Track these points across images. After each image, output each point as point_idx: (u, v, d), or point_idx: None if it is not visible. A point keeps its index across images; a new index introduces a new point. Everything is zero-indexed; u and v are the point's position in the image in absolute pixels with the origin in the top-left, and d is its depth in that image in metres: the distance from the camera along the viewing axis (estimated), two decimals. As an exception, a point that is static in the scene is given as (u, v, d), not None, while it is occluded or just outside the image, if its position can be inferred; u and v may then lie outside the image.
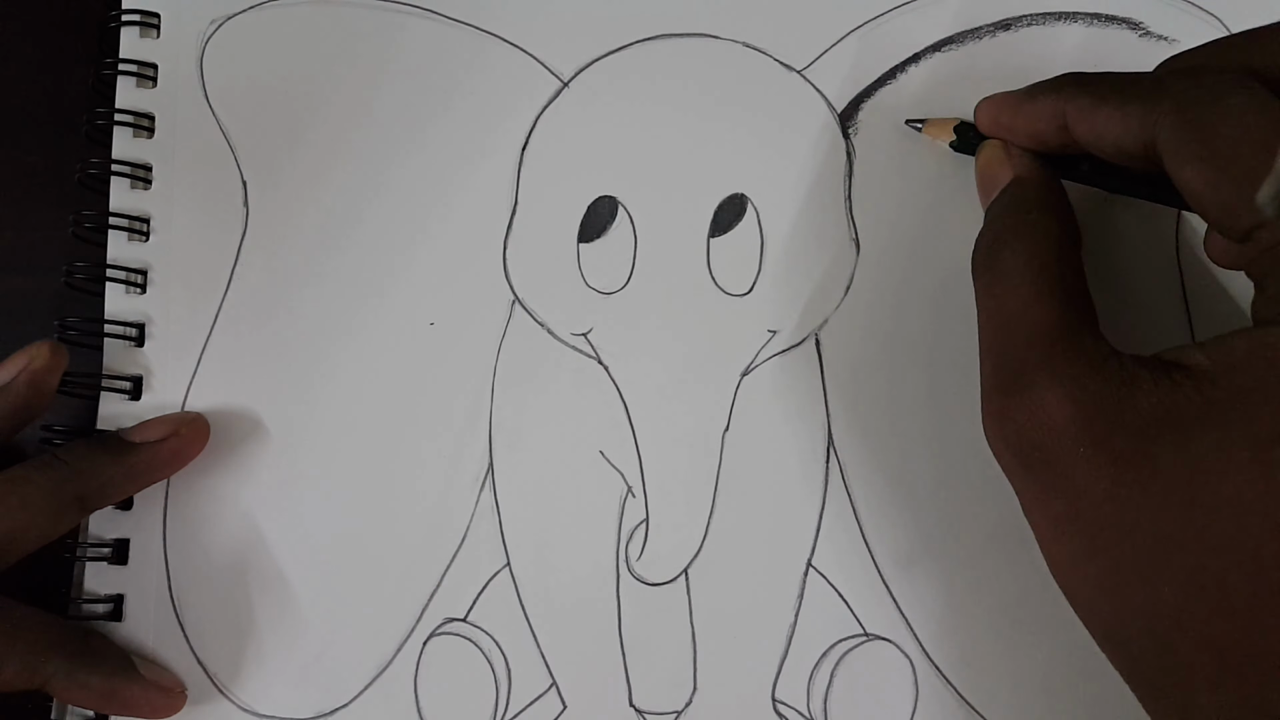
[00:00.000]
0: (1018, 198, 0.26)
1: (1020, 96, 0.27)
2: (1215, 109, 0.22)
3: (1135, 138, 0.23)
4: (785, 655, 0.30)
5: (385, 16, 0.33)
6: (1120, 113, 0.24)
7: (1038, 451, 0.22)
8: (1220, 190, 0.22)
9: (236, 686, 0.31)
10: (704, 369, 0.31)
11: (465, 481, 0.31)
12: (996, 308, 0.24)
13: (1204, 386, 0.21)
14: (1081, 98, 0.25)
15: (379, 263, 0.32)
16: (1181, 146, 0.22)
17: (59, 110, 0.34)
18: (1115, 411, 0.21)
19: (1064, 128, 0.25)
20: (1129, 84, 0.24)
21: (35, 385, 0.30)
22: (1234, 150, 0.21)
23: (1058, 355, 0.22)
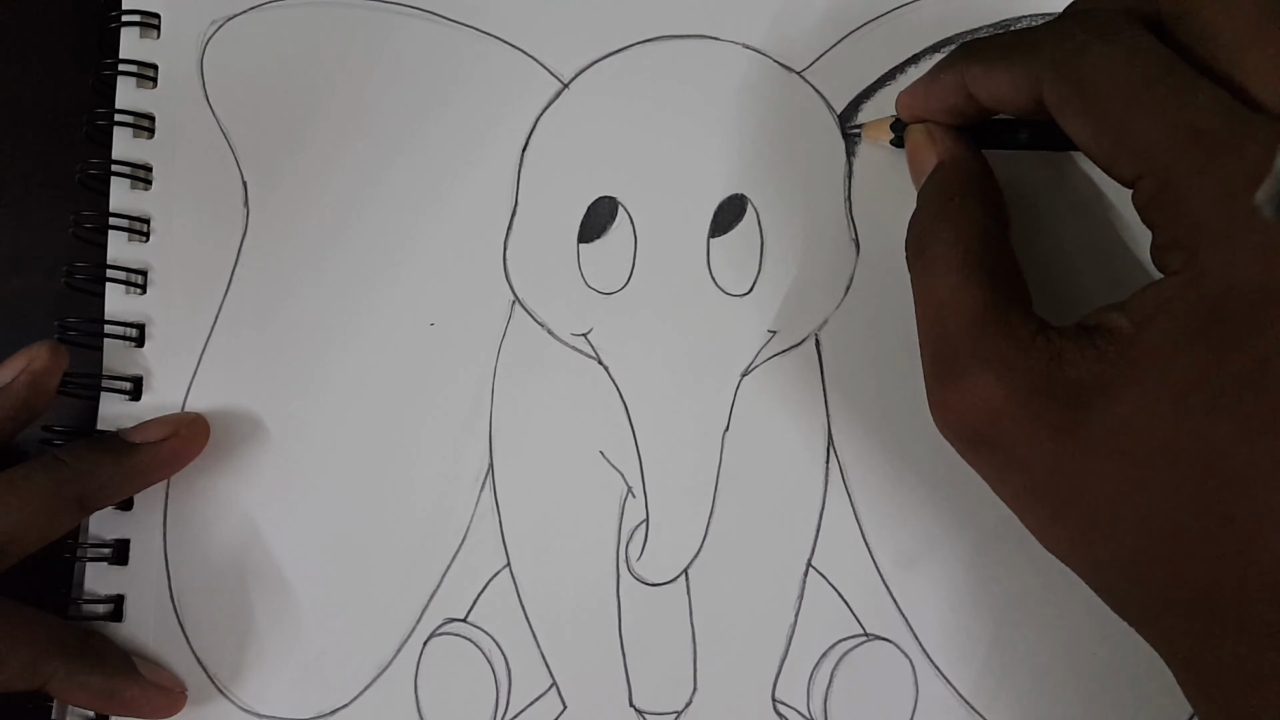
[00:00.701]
0: (941, 184, 0.26)
1: (927, 79, 0.27)
2: (1085, 61, 0.22)
3: (1027, 96, 0.24)
4: (785, 655, 0.30)
5: (386, 18, 0.33)
6: (1008, 74, 0.24)
7: (982, 436, 0.23)
8: (1100, 141, 0.22)
9: (237, 687, 0.31)
10: (704, 369, 0.31)
11: (465, 482, 0.31)
12: (928, 296, 0.25)
13: (1125, 348, 0.21)
14: (974, 65, 0.25)
15: (379, 263, 0.32)
16: (1060, 102, 0.23)
17: (59, 110, 0.34)
18: (1046, 386, 0.22)
19: (970, 97, 0.26)
20: (1013, 44, 0.24)
21: (35, 386, 0.30)
22: (1105, 101, 0.22)
23: (986, 340, 0.23)
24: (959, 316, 0.24)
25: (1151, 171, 0.21)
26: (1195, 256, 0.21)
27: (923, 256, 0.25)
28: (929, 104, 0.27)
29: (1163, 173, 0.21)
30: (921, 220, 0.26)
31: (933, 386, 0.24)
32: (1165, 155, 0.21)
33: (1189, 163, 0.21)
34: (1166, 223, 0.22)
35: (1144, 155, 0.21)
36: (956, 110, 0.27)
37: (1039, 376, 0.22)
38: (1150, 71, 0.21)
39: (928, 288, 0.25)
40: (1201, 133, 0.21)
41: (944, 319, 0.24)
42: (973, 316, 0.23)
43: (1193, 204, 0.21)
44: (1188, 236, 0.21)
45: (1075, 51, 0.22)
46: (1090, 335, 0.22)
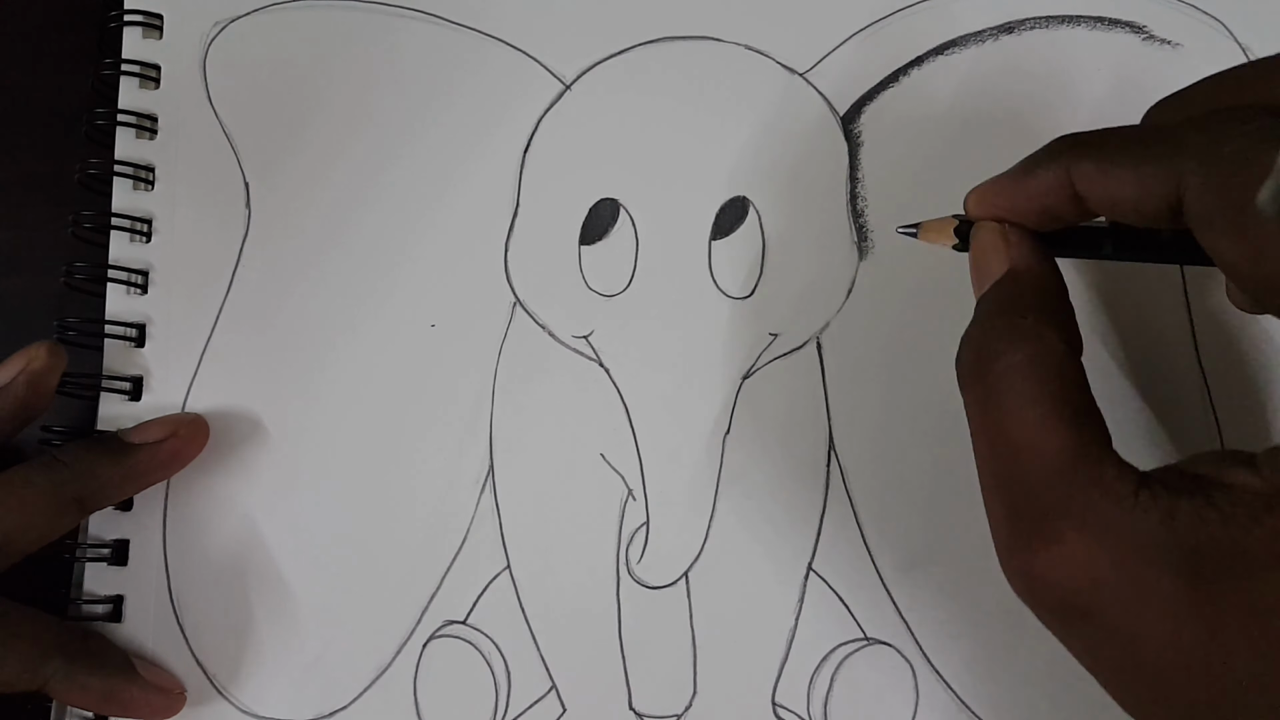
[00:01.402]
0: (1013, 297, 0.23)
1: (1017, 174, 0.24)
2: (1245, 173, 0.19)
3: (1158, 201, 0.21)
4: (785, 659, 0.30)
5: (387, 20, 0.33)
6: (1134, 174, 0.21)
7: (1078, 608, 0.20)
8: (1258, 266, 0.19)
9: (236, 688, 0.31)
10: (705, 372, 0.31)
11: (466, 484, 0.31)
12: (997, 434, 0.21)
13: (1260, 514, 0.18)
14: (1085, 162, 0.22)
15: (380, 265, 0.32)
16: (1210, 216, 0.20)
17: (59, 110, 0.34)
18: (1158, 552, 0.19)
19: (1075, 197, 0.22)
20: (1140, 142, 0.21)
21: (34, 386, 0.30)
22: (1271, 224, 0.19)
23: (1079, 497, 0.20)
24: (1041, 464, 0.20)
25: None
26: None
27: (986, 382, 0.22)
28: (1017, 202, 0.24)
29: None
30: (984, 337, 0.22)
31: (1013, 547, 0.21)
32: None
33: None
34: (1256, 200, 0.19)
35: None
36: (1049, 213, 0.23)
37: (1149, 542, 0.19)
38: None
39: (995, 423, 0.21)
40: None
41: (1021, 465, 0.21)
42: (1059, 465, 0.20)
43: None
44: None
45: (1235, 158, 0.19)
46: (1206, 491, 0.19)
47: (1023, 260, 0.24)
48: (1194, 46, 0.31)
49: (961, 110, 0.31)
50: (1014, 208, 0.24)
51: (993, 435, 0.21)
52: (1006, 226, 0.24)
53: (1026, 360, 0.21)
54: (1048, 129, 0.31)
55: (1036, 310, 0.22)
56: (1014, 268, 0.23)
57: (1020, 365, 0.21)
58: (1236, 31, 0.31)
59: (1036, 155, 0.23)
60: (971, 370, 0.22)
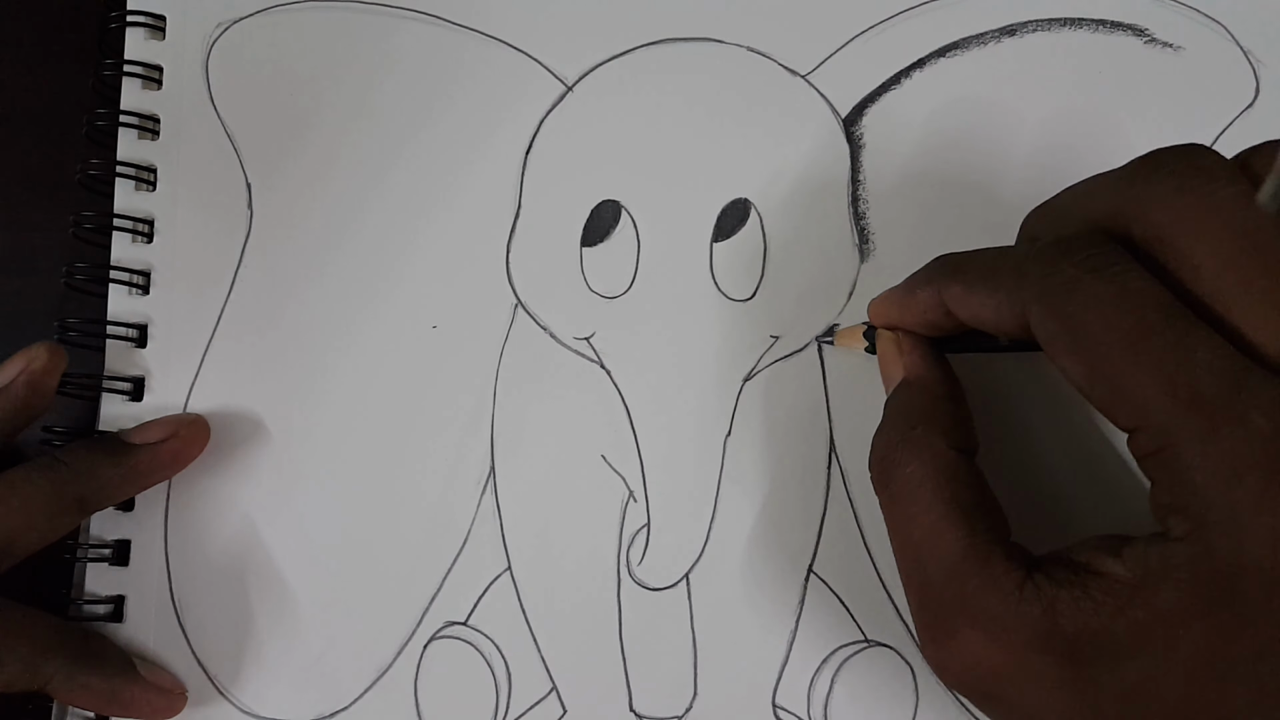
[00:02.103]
0: (904, 408, 0.26)
1: (901, 291, 0.26)
2: (1074, 300, 0.21)
3: (1011, 323, 0.23)
4: (786, 661, 0.30)
5: (389, 21, 0.33)
6: (991, 300, 0.23)
7: (981, 692, 0.23)
8: (1094, 387, 0.21)
9: (237, 688, 0.31)
10: (706, 374, 0.31)
11: (467, 485, 0.31)
12: (903, 536, 0.24)
13: (1126, 607, 0.20)
14: (954, 286, 0.24)
15: (382, 266, 0.32)
16: (1051, 340, 0.22)
17: (60, 111, 0.34)
18: (1043, 643, 0.21)
19: (949, 313, 0.25)
20: (995, 267, 0.23)
21: (34, 387, 0.30)
22: (1098, 348, 0.21)
23: (970, 595, 0.22)
24: (937, 565, 0.23)
25: (1148, 428, 0.20)
26: (1203, 531, 0.20)
27: (889, 488, 0.24)
28: (904, 316, 0.26)
29: (1161, 433, 0.20)
30: (883, 446, 0.25)
31: (924, 639, 0.23)
32: (1163, 416, 0.20)
33: (1190, 429, 0.20)
34: (1168, 484, 0.20)
35: (1141, 412, 0.20)
36: (932, 325, 0.26)
37: (1034, 633, 0.21)
38: (1145, 318, 0.20)
39: (899, 527, 0.24)
40: (1202, 398, 0.20)
41: (923, 563, 0.23)
42: (952, 565, 0.22)
43: (1196, 475, 0.20)
44: (1193, 506, 0.20)
45: (1064, 288, 0.21)
46: (1082, 580, 0.21)
47: (914, 368, 0.26)
48: (1196, 49, 0.31)
49: (963, 112, 0.31)
50: (904, 320, 0.27)
51: (900, 537, 0.24)
52: (900, 335, 0.27)
53: (919, 469, 0.24)
54: (1049, 131, 0.31)
55: (925, 420, 0.25)
56: (906, 377, 0.26)
57: (914, 475, 0.24)
58: (1238, 34, 0.31)
59: (917, 275, 0.26)
60: (877, 476, 0.25)
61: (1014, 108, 0.31)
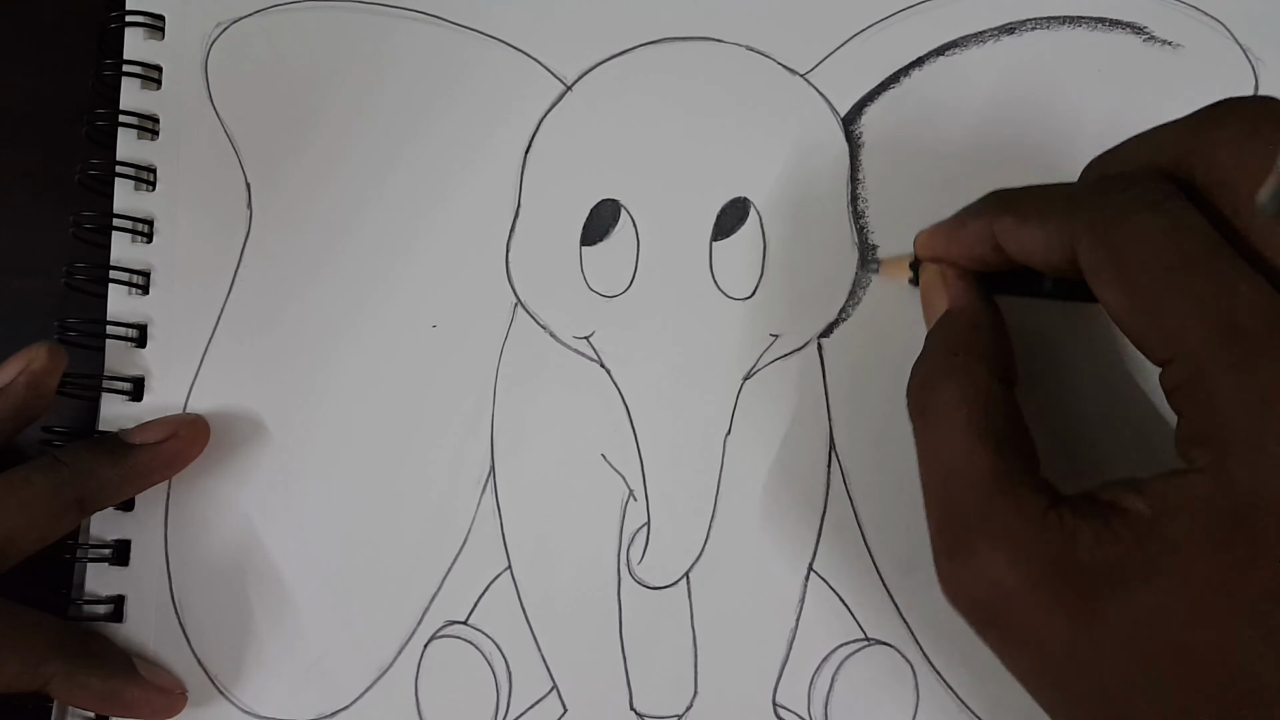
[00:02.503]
0: (946, 336, 0.26)
1: (952, 224, 0.26)
2: (1124, 229, 0.21)
3: (1059, 255, 0.23)
4: (786, 659, 0.30)
5: (388, 21, 0.33)
6: (1041, 231, 0.23)
7: (992, 615, 0.22)
8: (1133, 317, 0.21)
9: (237, 688, 0.31)
10: (706, 372, 0.31)
11: (467, 484, 0.31)
12: (932, 458, 0.24)
13: (1142, 537, 0.20)
14: (1005, 217, 0.24)
15: (381, 265, 0.32)
16: (1096, 269, 0.22)
17: (60, 110, 0.34)
18: (1059, 568, 0.21)
19: (998, 247, 0.25)
20: (1049, 200, 0.24)
21: (34, 387, 0.30)
22: (1141, 277, 0.21)
23: (995, 515, 0.22)
24: (965, 485, 0.23)
25: (1183, 358, 0.20)
26: (1224, 460, 0.20)
27: (924, 413, 0.24)
28: (950, 249, 0.26)
29: (1195, 362, 0.20)
30: (923, 373, 0.25)
31: (940, 559, 0.23)
32: (1199, 345, 0.20)
33: (1224, 359, 0.20)
34: (1195, 415, 0.20)
35: (1177, 340, 0.20)
36: (980, 259, 0.26)
37: (1052, 559, 0.21)
38: (1191, 251, 0.21)
39: (931, 448, 0.24)
40: (1240, 330, 0.20)
41: (949, 485, 0.23)
42: (980, 487, 0.22)
43: (1224, 403, 0.20)
44: (1216, 435, 0.20)
45: (1115, 218, 0.22)
46: (1104, 515, 0.21)
47: (957, 300, 0.26)
48: (1195, 48, 0.31)
49: (963, 111, 0.31)
50: (950, 253, 0.27)
51: (929, 459, 0.24)
52: (945, 268, 0.27)
53: (957, 393, 0.24)
54: (1049, 130, 0.31)
55: (967, 348, 0.25)
56: (950, 308, 0.26)
57: (952, 398, 0.24)
58: (1237, 33, 0.31)
59: (969, 208, 0.26)
60: (915, 401, 0.25)
61: (1013, 106, 0.31)
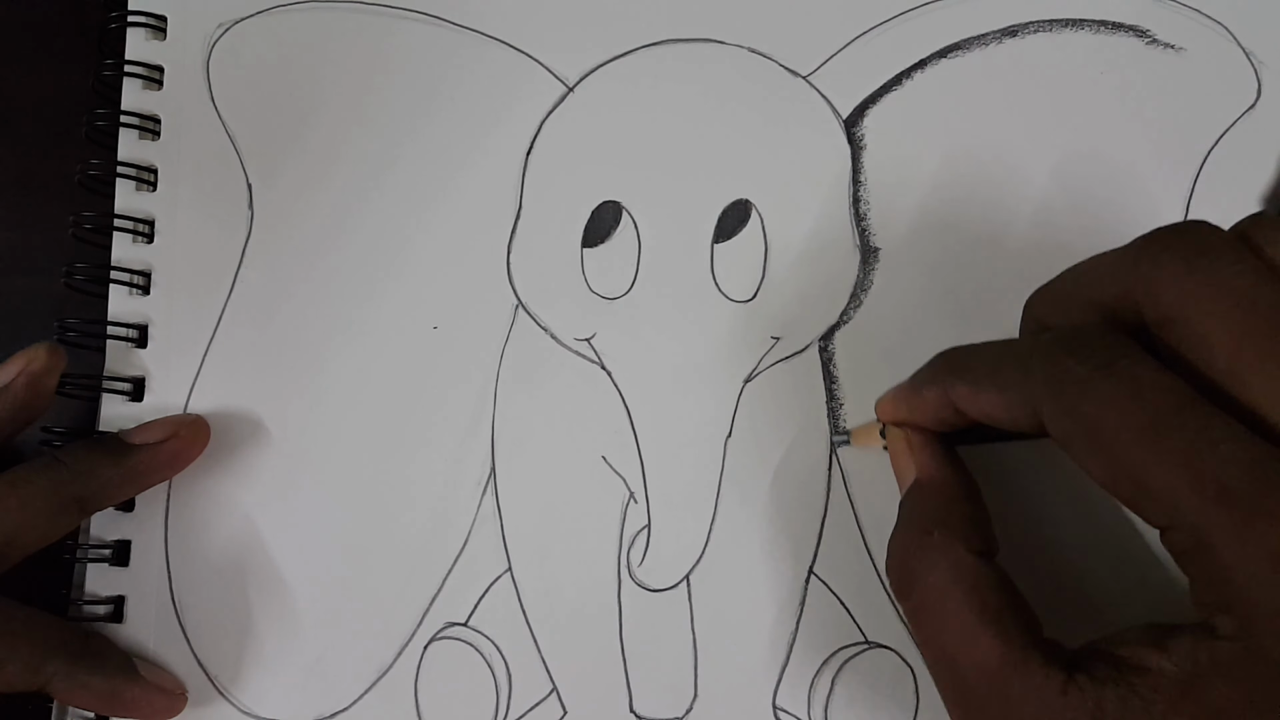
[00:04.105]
0: (920, 510, 0.25)
1: (908, 389, 0.26)
2: (1087, 400, 0.21)
3: (1024, 420, 0.22)
4: (786, 662, 0.30)
5: (390, 22, 0.33)
6: (1000, 398, 0.23)
7: None
8: (1120, 486, 0.21)
9: (237, 689, 0.31)
10: (707, 374, 0.31)
11: (467, 486, 0.31)
12: (935, 645, 0.23)
13: (1176, 702, 0.19)
14: (959, 386, 0.24)
15: (382, 266, 0.32)
16: (1067, 439, 0.21)
17: (60, 111, 0.34)
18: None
19: (959, 411, 0.24)
20: (1000, 363, 0.23)
21: (34, 387, 0.30)
22: (1118, 446, 0.20)
23: (1015, 703, 0.21)
24: (976, 673, 0.22)
25: (1181, 526, 0.20)
26: (1252, 628, 0.19)
27: (911, 598, 0.24)
28: (913, 414, 0.26)
29: (1194, 531, 0.20)
30: (900, 553, 0.25)
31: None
32: (1194, 514, 0.19)
33: (1223, 525, 0.19)
34: (1209, 582, 0.20)
35: (1170, 508, 0.20)
36: (944, 421, 0.25)
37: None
38: (1161, 412, 0.20)
39: (930, 636, 0.23)
40: (1231, 493, 0.19)
41: (960, 672, 0.22)
42: (990, 673, 0.22)
43: (1235, 573, 0.19)
44: (1237, 605, 0.19)
45: (1074, 388, 0.21)
46: (1127, 678, 0.20)
47: (925, 468, 0.26)
48: (1197, 51, 0.31)
49: (965, 113, 0.31)
50: (912, 418, 0.26)
51: (932, 647, 0.23)
52: (909, 433, 0.26)
53: (941, 578, 0.23)
54: (1051, 131, 0.31)
55: (941, 524, 0.24)
56: (918, 478, 0.26)
57: (936, 584, 0.23)
58: (1240, 36, 0.31)
59: (922, 373, 0.25)
60: (897, 583, 0.24)
61: (1015, 109, 0.31)
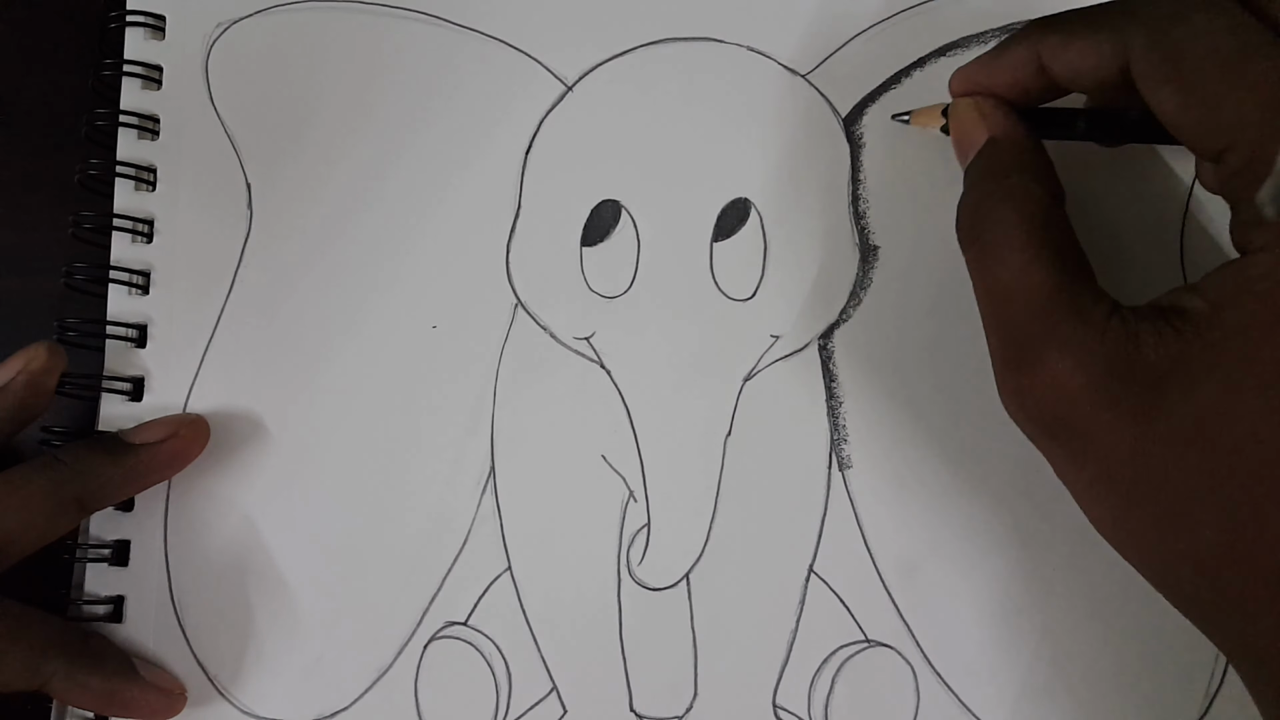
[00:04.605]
0: (995, 161, 0.26)
1: (992, 53, 0.26)
2: (1181, 29, 0.22)
3: (1110, 67, 0.23)
4: (786, 661, 0.30)
5: (389, 21, 0.33)
6: (1092, 43, 0.23)
7: (1059, 422, 0.23)
8: (1189, 112, 0.22)
9: (236, 688, 0.31)
10: (706, 373, 0.31)
11: (467, 485, 0.31)
12: (992, 280, 0.24)
13: (1203, 330, 0.21)
14: (1051, 36, 0.25)
15: (382, 266, 0.32)
16: (1151, 70, 0.22)
17: (60, 111, 0.34)
18: (1125, 370, 0.21)
19: (1042, 71, 0.25)
20: (1098, 13, 0.24)
21: (33, 386, 0.30)
22: (1200, 70, 0.21)
23: (1060, 323, 0.22)
24: (1028, 300, 0.23)
25: (1241, 145, 0.21)
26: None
27: (980, 239, 0.24)
28: (992, 78, 0.26)
29: (1253, 147, 0.21)
30: (975, 200, 0.25)
31: (1005, 373, 0.24)
32: (1258, 129, 0.21)
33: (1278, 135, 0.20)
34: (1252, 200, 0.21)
35: (1235, 127, 0.21)
36: (1020, 87, 0.26)
37: (1117, 360, 0.21)
38: (1250, 43, 0.21)
39: (990, 271, 0.24)
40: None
41: (1011, 303, 0.23)
42: (1043, 299, 0.23)
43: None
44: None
45: (1171, 18, 0.22)
46: (1166, 317, 0.21)
47: (999, 128, 0.26)
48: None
49: (963, 112, 0.31)
50: (990, 83, 0.26)
51: (989, 282, 0.24)
52: (981, 99, 0.27)
53: (1013, 213, 0.24)
54: (1050, 131, 0.31)
55: (1018, 169, 0.25)
56: (993, 136, 0.26)
57: (1008, 218, 0.24)
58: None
59: (1011, 36, 0.26)
60: (968, 231, 0.25)
61: (1014, 107, 0.31)
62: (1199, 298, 0.21)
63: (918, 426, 0.30)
